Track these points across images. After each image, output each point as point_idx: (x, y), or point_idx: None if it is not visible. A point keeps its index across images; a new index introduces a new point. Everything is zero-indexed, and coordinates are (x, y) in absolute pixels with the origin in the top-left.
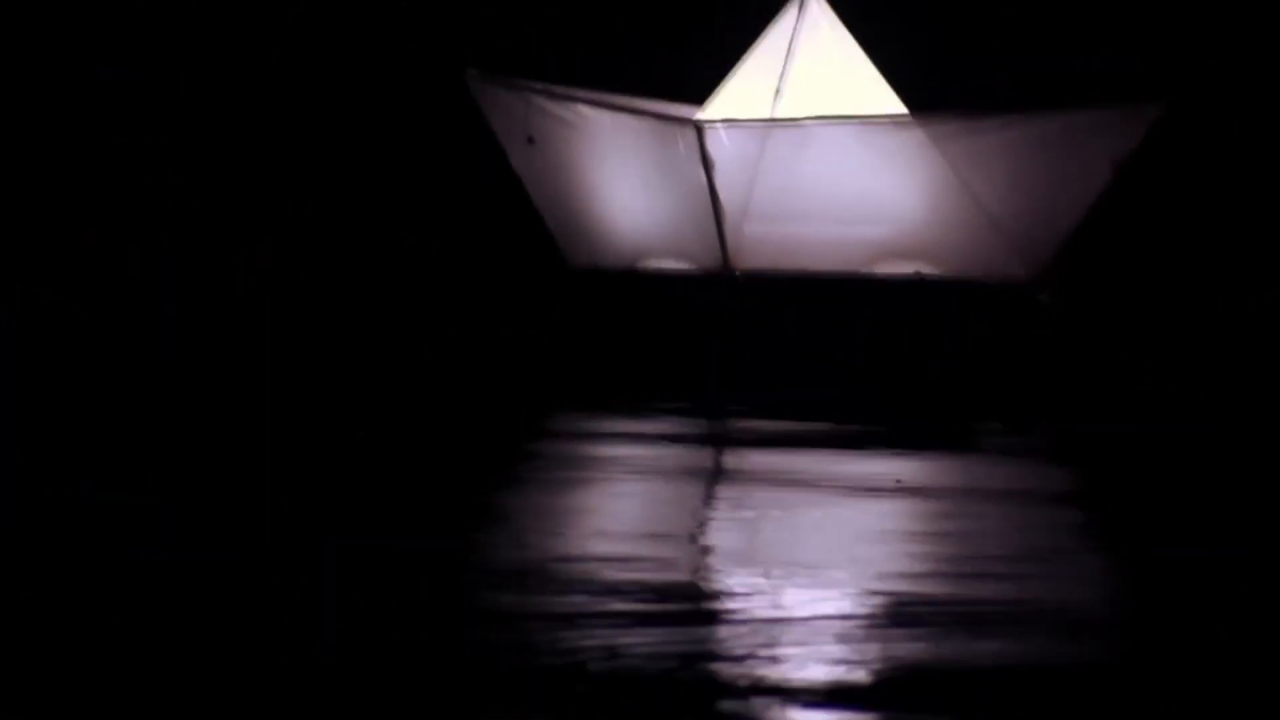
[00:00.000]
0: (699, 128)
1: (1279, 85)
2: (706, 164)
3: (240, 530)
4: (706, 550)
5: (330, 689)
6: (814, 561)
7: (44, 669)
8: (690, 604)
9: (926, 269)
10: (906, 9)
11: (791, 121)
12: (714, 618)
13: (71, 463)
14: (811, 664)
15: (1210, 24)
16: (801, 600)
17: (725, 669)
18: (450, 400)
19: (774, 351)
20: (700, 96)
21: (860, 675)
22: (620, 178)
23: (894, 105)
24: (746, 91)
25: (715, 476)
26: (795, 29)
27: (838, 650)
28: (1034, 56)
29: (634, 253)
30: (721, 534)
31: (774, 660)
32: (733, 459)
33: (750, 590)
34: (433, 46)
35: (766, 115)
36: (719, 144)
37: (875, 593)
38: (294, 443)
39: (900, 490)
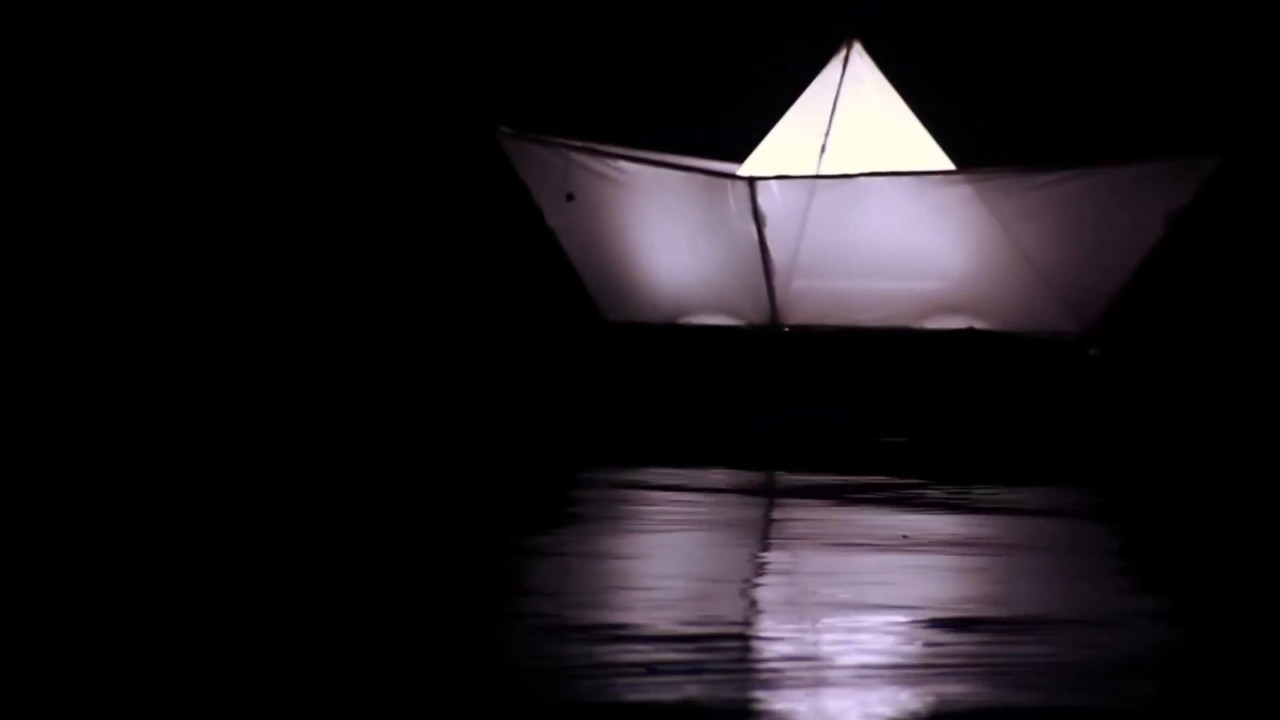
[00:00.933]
0: (751, 182)
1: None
2: (758, 219)
3: (240, 530)
4: (748, 598)
5: (329, 689)
6: (856, 610)
7: (44, 669)
8: (730, 649)
9: (977, 323)
10: (950, 64)
11: (843, 177)
12: (752, 663)
13: (72, 463)
14: (854, 713)
15: (1210, 24)
16: (843, 649)
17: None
18: (450, 405)
19: (823, 404)
20: (739, 154)
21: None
22: (664, 233)
23: (940, 160)
24: (790, 147)
25: (759, 527)
26: (840, 84)
27: (881, 698)
28: (1034, 56)
29: (677, 308)
30: (764, 582)
31: (815, 707)
32: (778, 510)
33: (792, 637)
34: (433, 46)
35: (812, 170)
36: (771, 199)
37: (919, 641)
38: (293, 443)
39: (911, 543)
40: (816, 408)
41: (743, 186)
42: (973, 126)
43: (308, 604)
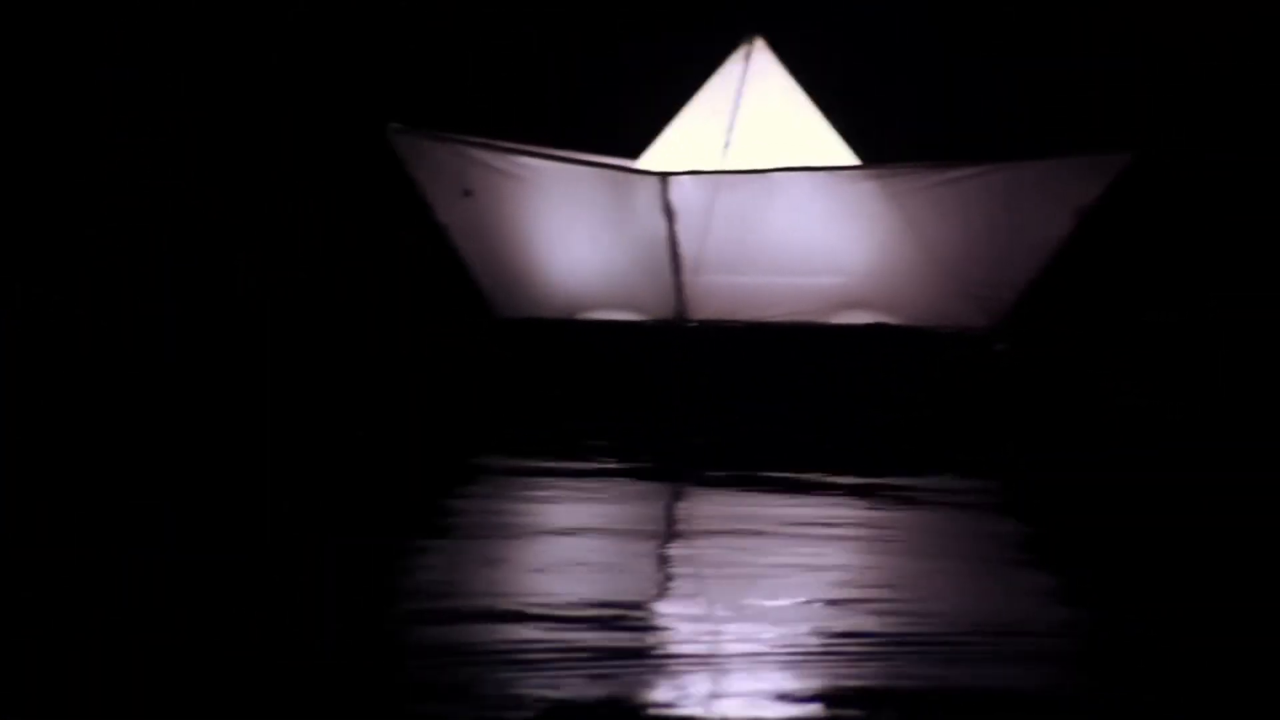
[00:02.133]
0: (664, 177)
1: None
2: (670, 214)
3: (240, 530)
4: (644, 586)
5: (321, 689)
6: (761, 602)
7: (44, 669)
8: (636, 643)
9: (886, 318)
10: (854, 58)
11: (755, 172)
12: (659, 657)
13: (71, 463)
14: (757, 702)
15: (1210, 24)
16: (747, 639)
17: (667, 709)
18: (430, 406)
19: (729, 399)
20: (630, 149)
21: (806, 711)
22: (566, 228)
23: (845, 156)
24: (691, 142)
25: (660, 519)
26: (742, 80)
27: (781, 686)
28: (1034, 56)
29: (577, 303)
30: (659, 571)
31: (716, 696)
32: (679, 502)
33: (695, 629)
34: (430, 46)
35: (716, 165)
36: (682, 194)
37: (820, 631)
38: (292, 443)
39: (814, 532)
40: (723, 401)
41: (654, 182)
42: (881, 122)
43: (301, 604)
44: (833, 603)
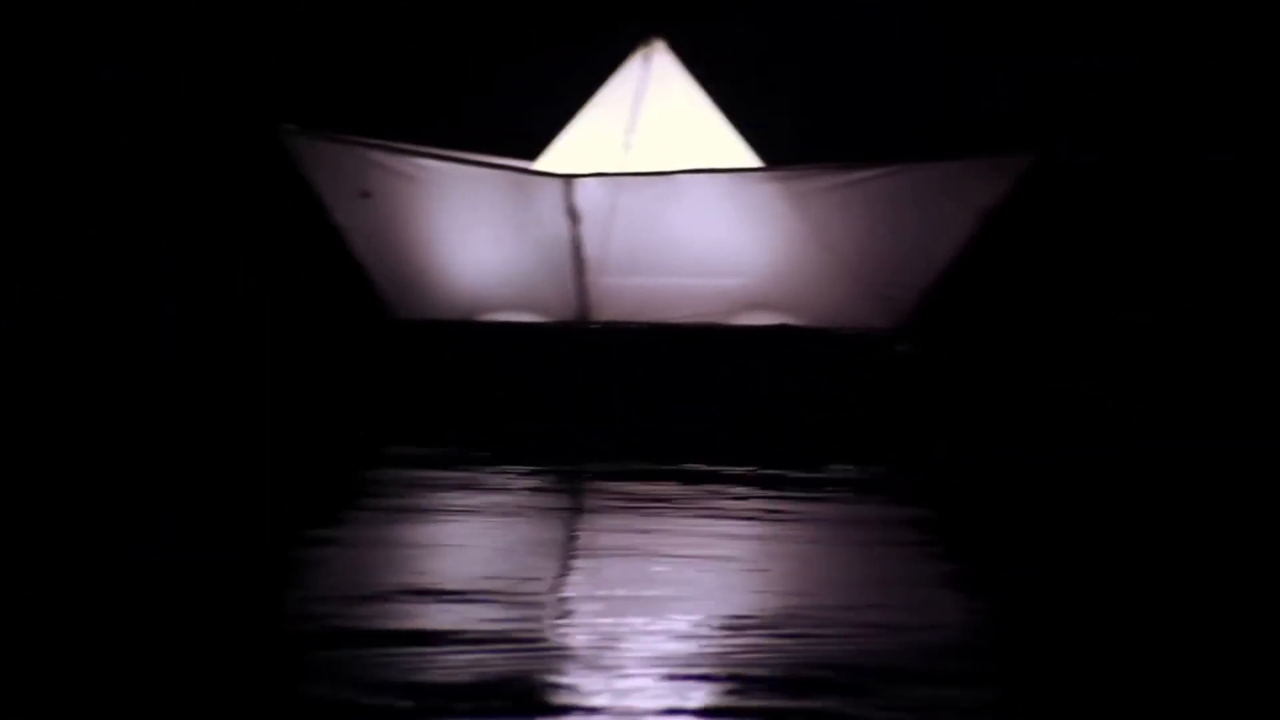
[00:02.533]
0: (568, 180)
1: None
2: (574, 216)
3: (240, 529)
4: (551, 578)
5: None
6: (658, 590)
7: (43, 669)
8: (529, 633)
9: (789, 319)
10: (757, 59)
11: (659, 174)
12: (553, 647)
13: (72, 463)
14: (653, 687)
15: (1210, 24)
16: (638, 641)
17: (566, 696)
18: (328, 405)
19: (632, 401)
20: (527, 150)
21: (703, 699)
22: (465, 230)
23: (747, 157)
24: (590, 143)
25: (560, 519)
26: (643, 81)
27: (678, 671)
28: (1034, 56)
29: (476, 305)
30: (567, 565)
31: (616, 690)
32: (582, 499)
33: (592, 621)
34: (428, 47)
35: (617, 167)
36: (587, 196)
37: (720, 623)
38: (293, 443)
39: (745, 523)
40: (626, 403)
41: (558, 183)
42: (783, 124)
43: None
44: (731, 590)
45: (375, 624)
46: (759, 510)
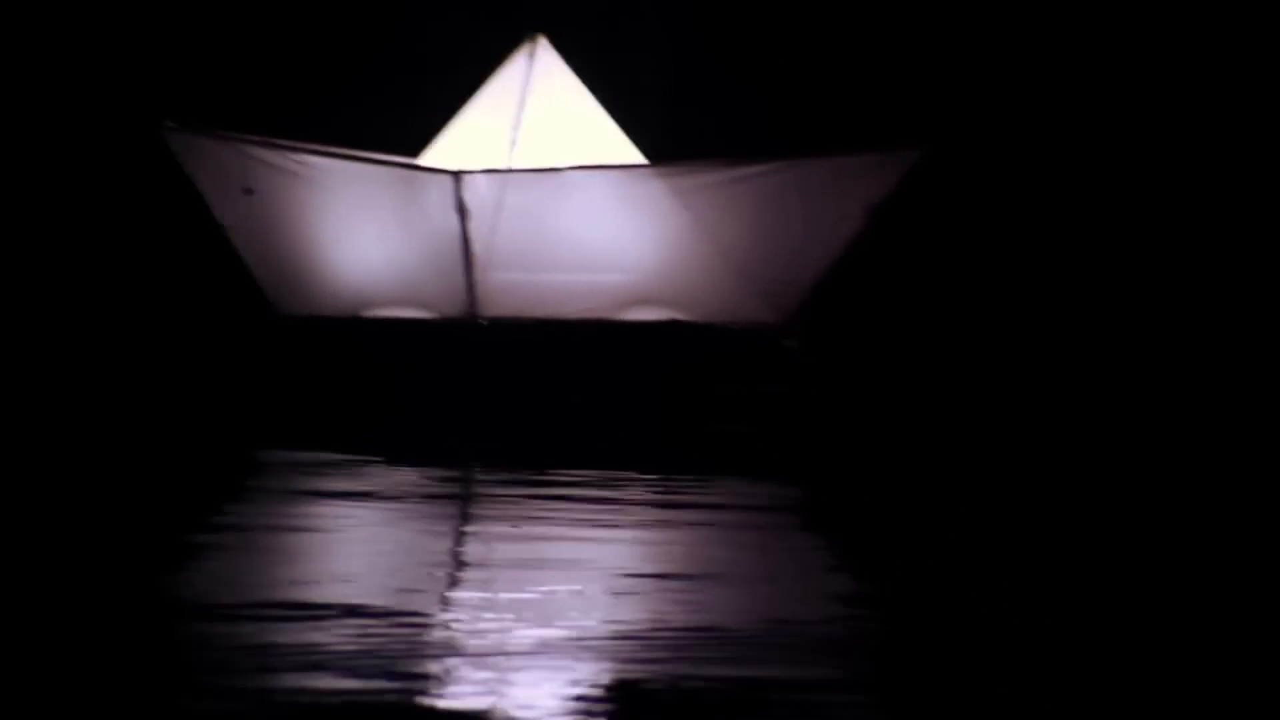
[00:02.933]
0: (457, 176)
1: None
2: (462, 212)
3: (115, 532)
4: (439, 585)
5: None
6: (546, 595)
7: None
8: (418, 636)
9: (678, 315)
10: (640, 58)
11: (548, 171)
12: (431, 644)
13: None
14: (539, 694)
15: (969, 65)
16: (531, 633)
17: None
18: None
19: (520, 397)
20: (406, 144)
21: (588, 703)
22: (351, 226)
23: (631, 154)
24: (475, 140)
25: (449, 514)
26: (527, 77)
27: (566, 678)
28: (793, 93)
29: (362, 301)
30: (455, 571)
31: (498, 692)
32: (470, 502)
33: (479, 621)
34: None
35: (501, 164)
36: (475, 192)
37: (601, 616)
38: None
39: (632, 526)
40: (515, 399)
41: (446, 179)
42: (664, 122)
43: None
44: (617, 595)
45: (251, 636)
46: (646, 511)
